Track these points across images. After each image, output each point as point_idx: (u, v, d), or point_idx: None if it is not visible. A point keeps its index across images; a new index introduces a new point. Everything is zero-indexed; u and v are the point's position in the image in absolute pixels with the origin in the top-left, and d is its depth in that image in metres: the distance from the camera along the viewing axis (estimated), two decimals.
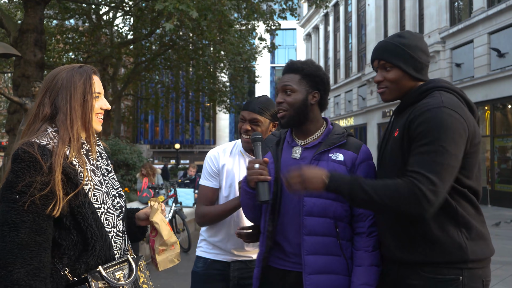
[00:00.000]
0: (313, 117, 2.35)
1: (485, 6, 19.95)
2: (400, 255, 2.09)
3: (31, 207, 1.59)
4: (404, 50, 2.14)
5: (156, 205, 2.08)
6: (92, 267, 1.73)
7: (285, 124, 2.32)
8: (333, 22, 41.02)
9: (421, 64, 2.17)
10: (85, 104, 1.83)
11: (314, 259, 2.19)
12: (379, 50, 2.21)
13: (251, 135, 2.31)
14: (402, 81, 2.16)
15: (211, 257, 2.82)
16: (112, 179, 1.98)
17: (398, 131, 2.08)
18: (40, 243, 1.60)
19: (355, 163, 2.28)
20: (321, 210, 2.21)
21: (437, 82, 2.15)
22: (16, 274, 1.53)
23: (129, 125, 40.06)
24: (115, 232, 1.85)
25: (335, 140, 2.30)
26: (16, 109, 11.37)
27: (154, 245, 2.12)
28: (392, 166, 2.12)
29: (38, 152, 1.63)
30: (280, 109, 2.31)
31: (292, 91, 2.29)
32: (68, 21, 21.88)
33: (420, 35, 2.26)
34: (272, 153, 2.38)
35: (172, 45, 20.77)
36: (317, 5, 16.98)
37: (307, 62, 2.37)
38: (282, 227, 2.29)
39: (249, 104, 2.78)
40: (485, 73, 19.47)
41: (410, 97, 2.15)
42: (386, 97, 2.23)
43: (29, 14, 11.32)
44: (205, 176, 2.87)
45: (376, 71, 2.25)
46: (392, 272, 2.16)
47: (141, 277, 1.92)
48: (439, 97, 2.03)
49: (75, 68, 1.87)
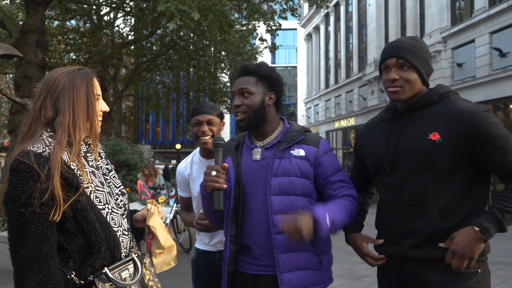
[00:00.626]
0: (271, 117, 2.37)
1: (486, 6, 19.93)
2: (416, 254, 2.13)
3: (35, 217, 1.60)
4: (421, 53, 2.18)
5: (153, 208, 2.07)
6: (97, 269, 1.73)
7: (244, 126, 2.32)
8: (334, 22, 41.00)
9: (431, 70, 2.24)
10: (90, 106, 1.83)
11: (287, 257, 2.19)
12: (398, 48, 2.20)
13: (214, 140, 2.32)
14: (416, 83, 2.19)
15: (202, 248, 3.08)
16: (114, 178, 1.97)
17: (441, 135, 2.09)
18: (46, 251, 1.60)
19: (317, 157, 2.30)
20: (289, 208, 2.21)
21: (446, 87, 2.25)
22: (26, 286, 1.56)
23: (130, 125, 40.01)
24: (121, 231, 1.85)
25: (293, 137, 2.32)
26: (18, 110, 11.37)
27: (151, 248, 2.12)
28: (427, 168, 2.12)
29: (35, 161, 1.63)
30: (239, 111, 2.31)
31: (250, 93, 2.30)
32: (69, 22, 21.88)
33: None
34: (232, 158, 2.39)
35: (173, 46, 20.78)
36: (318, 5, 16.95)
37: (261, 64, 2.38)
38: (250, 230, 2.28)
39: (200, 109, 3.00)
40: (486, 73, 19.45)
41: (426, 100, 2.20)
42: (399, 96, 2.21)
43: (31, 15, 11.32)
44: (179, 188, 3.23)
45: (387, 69, 2.24)
46: (402, 271, 2.20)
47: (147, 274, 1.92)
48: (467, 101, 2.15)
49: (75, 70, 1.86)
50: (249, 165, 2.33)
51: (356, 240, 2.45)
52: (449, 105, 2.14)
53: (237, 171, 2.33)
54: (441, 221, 2.08)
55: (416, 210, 2.13)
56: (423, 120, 2.17)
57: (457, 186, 2.10)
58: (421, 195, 2.13)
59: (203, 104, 3.06)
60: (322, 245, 2.29)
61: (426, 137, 2.12)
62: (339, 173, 2.33)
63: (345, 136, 38.24)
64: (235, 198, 2.30)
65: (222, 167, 2.20)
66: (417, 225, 2.12)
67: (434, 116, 2.14)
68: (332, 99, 40.67)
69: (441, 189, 2.10)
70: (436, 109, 2.16)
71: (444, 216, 2.08)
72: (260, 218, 2.25)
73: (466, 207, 2.10)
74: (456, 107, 2.11)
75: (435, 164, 2.09)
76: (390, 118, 2.33)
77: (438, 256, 2.08)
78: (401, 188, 2.19)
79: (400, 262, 2.21)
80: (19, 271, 1.58)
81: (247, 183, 2.31)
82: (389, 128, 2.30)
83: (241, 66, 2.41)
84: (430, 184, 2.11)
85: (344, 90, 37.48)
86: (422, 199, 2.12)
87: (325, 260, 2.30)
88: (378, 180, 2.35)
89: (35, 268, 1.57)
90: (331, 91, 40.91)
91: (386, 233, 2.29)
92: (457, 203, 2.10)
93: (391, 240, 2.25)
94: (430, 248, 2.10)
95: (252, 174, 2.31)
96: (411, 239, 2.14)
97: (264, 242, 2.24)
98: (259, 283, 2.27)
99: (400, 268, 2.21)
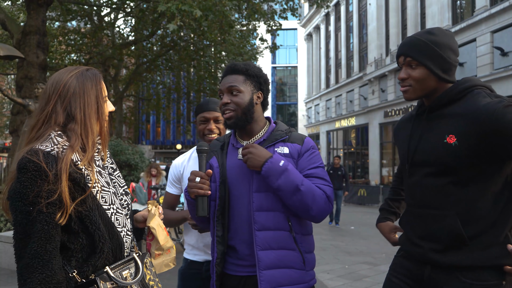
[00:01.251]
0: (257, 117, 2.35)
1: (488, 5, 19.91)
2: (437, 257, 2.05)
3: (41, 216, 1.60)
4: (434, 49, 2.05)
5: (154, 209, 2.07)
6: (99, 268, 1.73)
7: (232, 124, 2.30)
8: (334, 22, 41.00)
9: (449, 64, 2.08)
10: (99, 109, 1.84)
11: (266, 254, 2.16)
12: (406, 46, 2.13)
13: (197, 145, 2.31)
14: (428, 80, 2.09)
15: (190, 258, 2.98)
16: (118, 177, 1.98)
17: (456, 138, 1.98)
18: (50, 251, 1.61)
19: (300, 153, 2.28)
20: (271, 204, 2.19)
21: (472, 80, 2.09)
22: (29, 284, 1.56)
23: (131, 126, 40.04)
24: (125, 231, 1.86)
25: (277, 136, 2.31)
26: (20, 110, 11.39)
27: (150, 249, 2.12)
28: (444, 171, 2.04)
29: (43, 160, 1.63)
30: (228, 109, 2.28)
31: (239, 92, 2.28)
32: (70, 23, 21.92)
33: (451, 33, 2.17)
34: (217, 158, 2.37)
35: (173, 46, 20.79)
36: (318, 5, 16.95)
37: (249, 64, 2.37)
38: (236, 230, 2.27)
39: (206, 105, 2.94)
40: (488, 72, 19.44)
41: (445, 97, 2.08)
42: (409, 96, 2.15)
43: (32, 16, 11.34)
44: (169, 183, 3.09)
45: (401, 68, 2.18)
46: (420, 272, 2.14)
47: (148, 274, 1.92)
48: (491, 96, 1.99)
49: (83, 72, 1.86)
50: (234, 164, 2.32)
51: (383, 230, 2.54)
52: (468, 103, 1.99)
53: (223, 171, 2.32)
54: (463, 226, 1.97)
55: (435, 214, 2.07)
56: (442, 121, 2.07)
57: (478, 189, 1.98)
58: (439, 198, 2.05)
59: (208, 101, 2.99)
60: (305, 244, 2.25)
61: (443, 140, 2.02)
62: (317, 169, 2.27)
63: (346, 136, 38.24)
64: (221, 198, 2.28)
65: (207, 174, 2.20)
66: (438, 229, 2.05)
67: (453, 116, 2.02)
68: (332, 99, 40.67)
69: (460, 193, 2.00)
70: (457, 107, 2.03)
71: (466, 221, 1.98)
72: (245, 217, 2.24)
73: (492, 212, 1.98)
74: (474, 105, 1.96)
75: (452, 167, 2.00)
76: (415, 115, 2.26)
77: (460, 264, 1.98)
78: (420, 190, 2.14)
79: (420, 263, 2.14)
80: (23, 269, 1.59)
81: (233, 183, 2.30)
82: (411, 128, 2.24)
83: (228, 65, 2.40)
84: (448, 187, 2.02)
85: (344, 90, 37.48)
86: (440, 203, 2.05)
87: (308, 259, 2.25)
88: (404, 180, 2.33)
89: (39, 267, 1.58)
90: (331, 91, 40.90)
91: (409, 233, 2.24)
92: (480, 208, 1.98)
93: (413, 240, 2.19)
94: (453, 254, 2.00)
95: (237, 174, 2.30)
96: (432, 242, 2.07)
97: (250, 242, 2.22)
98: (249, 284, 2.23)
99: (418, 269, 2.15)
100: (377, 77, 30.48)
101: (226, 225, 2.29)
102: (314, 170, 2.26)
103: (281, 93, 60.49)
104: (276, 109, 59.27)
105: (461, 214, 1.99)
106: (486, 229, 1.97)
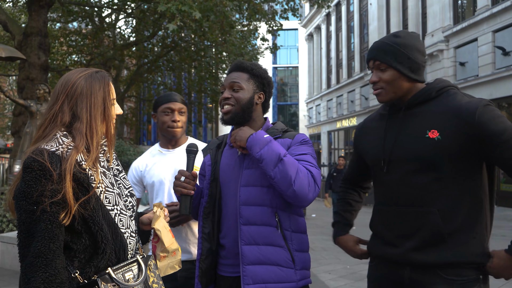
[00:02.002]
0: (256, 116, 2.36)
1: (489, 4, 19.86)
2: (417, 257, 2.05)
3: (45, 215, 1.61)
4: (400, 50, 2.10)
5: (159, 211, 2.07)
6: (102, 269, 1.73)
7: (229, 119, 2.30)
8: (335, 22, 40.98)
9: (417, 64, 2.13)
10: (106, 111, 1.85)
11: (250, 249, 2.14)
12: (374, 50, 2.18)
13: (188, 146, 2.30)
14: (398, 81, 2.12)
15: None
16: (123, 179, 1.99)
17: (439, 133, 2.01)
18: (54, 250, 1.61)
19: (290, 146, 2.27)
20: (258, 199, 2.18)
21: (445, 81, 2.16)
22: (32, 282, 1.57)
23: (132, 126, 40.08)
24: (129, 232, 1.86)
25: (271, 134, 2.30)
26: (21, 112, 11.42)
27: (155, 251, 2.12)
28: (426, 167, 2.04)
29: (48, 160, 1.63)
30: (227, 103, 2.29)
31: (240, 88, 2.31)
32: (71, 24, 21.95)
33: (417, 34, 2.22)
34: (211, 156, 2.40)
35: (174, 47, 20.80)
36: (319, 5, 16.93)
37: (256, 64, 2.40)
38: (229, 228, 2.26)
39: (170, 96, 2.92)
40: (489, 72, 19.40)
41: (422, 95, 2.12)
42: (382, 98, 2.20)
43: (33, 18, 11.37)
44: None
45: (372, 72, 2.22)
46: (398, 276, 2.12)
47: (151, 276, 1.92)
48: (468, 96, 2.06)
49: (92, 74, 1.87)
50: (228, 163, 2.33)
51: (346, 243, 2.47)
52: (448, 101, 2.05)
53: (215, 169, 2.34)
54: (444, 223, 2.00)
55: (416, 211, 2.06)
56: (421, 117, 2.09)
57: (459, 185, 2.02)
58: (421, 195, 2.05)
59: (170, 93, 2.96)
60: (295, 242, 2.21)
61: (424, 135, 2.04)
62: (305, 155, 2.21)
63: (347, 136, 38.18)
64: (211, 196, 2.31)
65: (192, 174, 2.22)
66: (418, 227, 2.04)
67: (432, 112, 2.06)
68: (333, 99, 40.62)
69: (441, 188, 2.02)
70: (434, 105, 2.08)
71: (446, 218, 2.00)
72: (234, 213, 2.23)
73: (470, 210, 2.02)
74: (455, 103, 2.02)
75: (435, 163, 2.01)
76: (387, 114, 2.27)
77: (442, 262, 1.99)
78: (399, 188, 2.12)
79: (398, 266, 2.11)
80: (27, 268, 1.59)
81: (225, 182, 2.31)
82: (386, 125, 2.25)
83: (234, 62, 2.44)
84: (431, 183, 2.03)
85: (345, 90, 37.43)
86: (422, 199, 2.04)
87: (298, 258, 2.20)
88: (376, 179, 2.30)
89: (42, 266, 1.58)
90: (332, 91, 40.85)
91: (384, 235, 2.20)
92: (459, 204, 2.01)
93: (389, 241, 2.16)
94: (434, 252, 2.01)
95: (230, 173, 2.30)
96: (412, 241, 2.06)
97: (237, 237, 2.21)
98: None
99: (396, 273, 2.12)
100: None
101: (216, 223, 2.29)
102: (302, 156, 2.21)
103: (282, 94, 60.40)
104: (277, 109, 59.20)
105: (441, 211, 2.01)
106: (463, 226, 2.01)
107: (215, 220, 2.29)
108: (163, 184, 2.89)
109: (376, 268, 2.28)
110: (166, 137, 2.97)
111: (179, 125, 2.89)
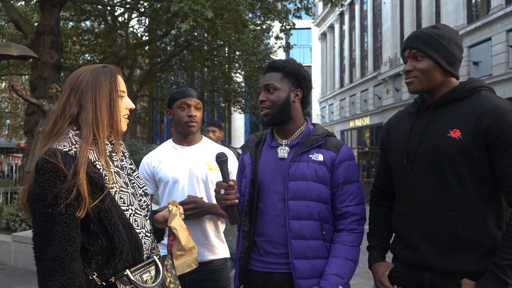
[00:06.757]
0: (295, 115, 2.35)
1: (503, 3, 19.70)
2: (436, 261, 1.99)
3: (61, 218, 1.59)
4: (438, 41, 2.04)
5: (175, 209, 2.05)
6: (119, 270, 1.72)
7: (268, 122, 2.32)
8: (349, 21, 40.85)
9: (454, 57, 2.07)
10: (112, 103, 1.82)
11: (301, 264, 2.20)
12: (412, 38, 2.12)
13: (217, 157, 2.27)
14: (433, 72, 2.05)
15: None
16: (137, 178, 1.97)
17: (461, 133, 1.95)
18: (71, 253, 1.60)
19: (334, 162, 2.27)
20: (307, 213, 2.21)
21: (479, 81, 2.09)
22: (51, 287, 1.56)
23: (145, 126, 40.23)
24: (144, 232, 1.83)
25: (313, 141, 2.30)
26: (34, 111, 11.49)
27: (172, 249, 2.10)
28: (448, 168, 1.98)
29: (61, 161, 1.61)
30: (264, 107, 2.31)
31: (275, 89, 2.29)
32: (84, 23, 22.05)
33: (456, 30, 2.15)
34: (251, 154, 2.41)
35: (187, 46, 20.82)
36: (333, 4, 16.88)
37: (288, 61, 2.37)
38: (263, 227, 2.29)
39: (186, 92, 2.88)
40: (503, 71, 19.24)
41: (454, 94, 2.05)
42: (414, 87, 2.10)
43: (46, 16, 11.42)
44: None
45: (406, 62, 2.14)
46: (419, 278, 2.06)
47: (168, 276, 1.91)
48: (500, 99, 1.98)
49: (99, 67, 1.86)
50: (267, 163, 2.34)
51: (377, 272, 2.28)
52: (477, 101, 1.97)
53: (254, 169, 2.35)
54: (463, 228, 1.92)
55: (436, 214, 1.99)
56: (447, 116, 2.03)
57: (481, 190, 1.93)
58: (440, 197, 1.98)
59: (185, 88, 2.92)
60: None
61: (446, 133, 1.98)
62: (352, 184, 2.29)
63: (360, 136, 38.07)
64: (250, 194, 2.33)
65: (229, 185, 2.21)
66: (438, 230, 1.99)
67: (459, 112, 1.99)
68: (347, 99, 40.52)
69: (463, 192, 1.94)
70: (464, 105, 2.01)
71: (467, 223, 1.93)
72: (274, 217, 2.27)
73: (492, 215, 1.94)
74: (483, 103, 1.94)
75: (455, 164, 1.94)
76: (415, 112, 2.20)
77: (462, 270, 1.94)
78: (420, 189, 2.06)
79: (419, 269, 2.06)
80: (45, 272, 1.58)
81: (263, 181, 2.32)
82: (412, 123, 2.17)
83: (268, 62, 2.44)
84: (451, 186, 1.96)
85: (359, 89, 37.32)
86: (442, 202, 1.98)
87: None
88: (398, 178, 2.22)
89: (60, 269, 1.57)
90: (345, 90, 40.76)
91: (405, 237, 2.15)
92: (482, 210, 1.93)
93: (410, 244, 2.11)
94: (453, 258, 1.95)
95: (270, 173, 2.32)
96: (432, 245, 2.01)
97: (276, 241, 2.26)
98: (270, 281, 2.27)
99: (418, 275, 2.07)
100: (392, 76, 30.27)
101: (254, 221, 2.33)
102: (349, 185, 2.28)
103: None
104: None
105: (461, 215, 1.94)
106: (486, 234, 1.93)
107: (253, 218, 2.33)
108: (177, 182, 2.85)
109: (398, 271, 2.20)
110: (182, 133, 2.92)
111: (196, 120, 2.86)
